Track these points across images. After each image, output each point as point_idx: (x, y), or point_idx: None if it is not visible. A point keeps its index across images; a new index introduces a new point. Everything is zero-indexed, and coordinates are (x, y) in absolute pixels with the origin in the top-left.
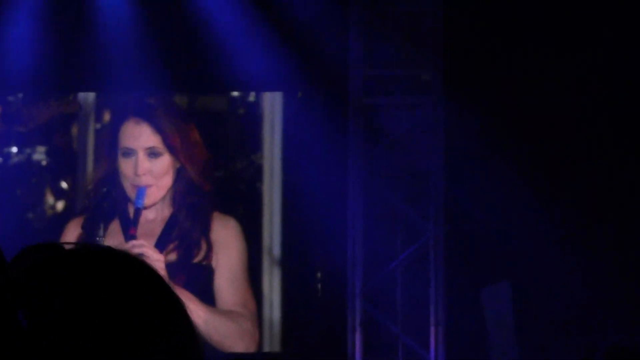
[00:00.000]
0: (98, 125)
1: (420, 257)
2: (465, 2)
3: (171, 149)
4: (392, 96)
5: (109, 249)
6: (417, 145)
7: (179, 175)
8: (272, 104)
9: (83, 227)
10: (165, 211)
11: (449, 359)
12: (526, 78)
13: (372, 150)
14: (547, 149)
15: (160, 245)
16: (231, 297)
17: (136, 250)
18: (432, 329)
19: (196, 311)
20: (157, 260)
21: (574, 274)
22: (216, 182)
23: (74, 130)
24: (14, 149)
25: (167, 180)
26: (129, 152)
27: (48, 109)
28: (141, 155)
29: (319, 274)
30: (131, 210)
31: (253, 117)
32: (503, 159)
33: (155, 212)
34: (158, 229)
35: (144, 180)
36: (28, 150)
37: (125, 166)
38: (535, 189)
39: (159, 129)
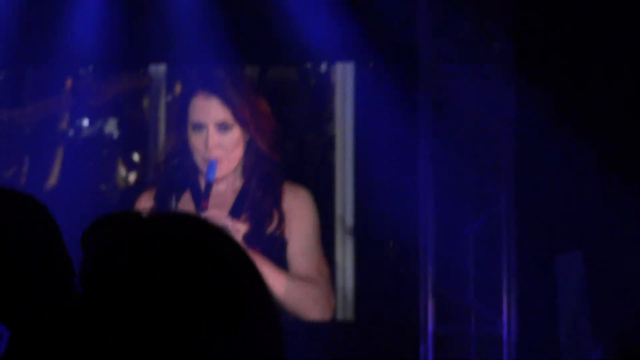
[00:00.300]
0: (169, 98)
1: (492, 225)
2: None
3: (241, 121)
4: (463, 65)
5: (188, 215)
6: (488, 115)
7: (249, 147)
8: (344, 75)
9: (155, 198)
10: (237, 183)
11: (521, 327)
12: (596, 52)
13: (443, 119)
14: (619, 119)
15: (233, 217)
16: (305, 266)
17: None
18: (505, 297)
19: (277, 278)
20: (237, 231)
21: None
22: (287, 153)
23: (145, 102)
24: (85, 122)
25: (238, 153)
26: (199, 127)
27: (119, 82)
28: (211, 129)
29: (391, 243)
30: (202, 183)
31: (325, 88)
32: (574, 128)
33: (226, 184)
34: (230, 201)
35: (215, 153)
36: (99, 123)
37: (196, 140)
38: (608, 159)
39: (228, 102)
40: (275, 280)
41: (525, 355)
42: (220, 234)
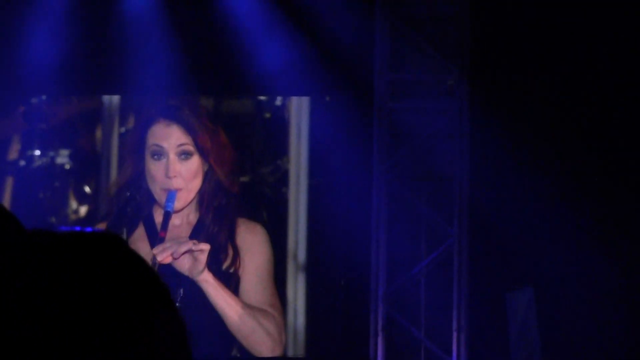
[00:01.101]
0: (122, 129)
1: (443, 261)
2: (492, 7)
3: (201, 150)
4: (417, 100)
5: (101, 233)
6: (442, 150)
7: (207, 177)
8: (299, 109)
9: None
10: (192, 216)
11: None
12: (552, 83)
13: (397, 154)
14: (573, 155)
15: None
16: (258, 300)
17: (184, 249)
18: (455, 334)
19: (232, 306)
20: (204, 248)
21: (600, 280)
22: (242, 187)
23: (98, 133)
24: (37, 152)
25: (197, 183)
26: (160, 153)
27: (70, 105)
28: (172, 156)
29: (342, 281)
30: (157, 215)
31: (279, 121)
32: (528, 164)
33: (181, 218)
34: (185, 234)
35: (175, 183)
36: (51, 153)
37: (155, 169)
38: (560, 195)
39: (189, 130)
40: (230, 307)
41: None
42: (130, 254)
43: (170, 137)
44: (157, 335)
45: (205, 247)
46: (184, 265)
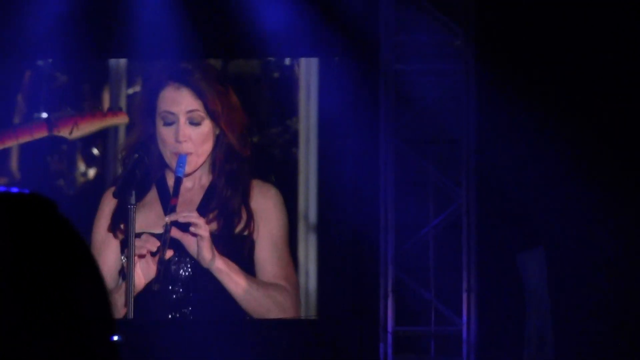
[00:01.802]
0: (130, 91)
1: (452, 223)
2: None
3: (212, 114)
4: (423, 62)
5: (29, 194)
6: (449, 112)
7: (219, 141)
8: (308, 69)
9: (115, 195)
10: (204, 179)
11: (481, 325)
12: (560, 44)
13: (404, 117)
14: (581, 114)
15: (200, 214)
16: (272, 269)
17: (183, 220)
18: (465, 295)
19: (246, 285)
20: (206, 230)
21: (609, 239)
22: (253, 148)
23: (105, 95)
24: (44, 115)
25: (207, 147)
26: (170, 117)
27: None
28: (182, 121)
29: (352, 240)
30: (169, 178)
31: (288, 82)
32: (534, 124)
33: (193, 180)
34: (197, 198)
35: (185, 147)
36: (57, 116)
37: (166, 133)
38: (569, 154)
39: (200, 94)
40: (243, 287)
41: (485, 354)
42: (53, 213)
43: (180, 102)
44: (78, 291)
45: (204, 233)
46: (190, 246)
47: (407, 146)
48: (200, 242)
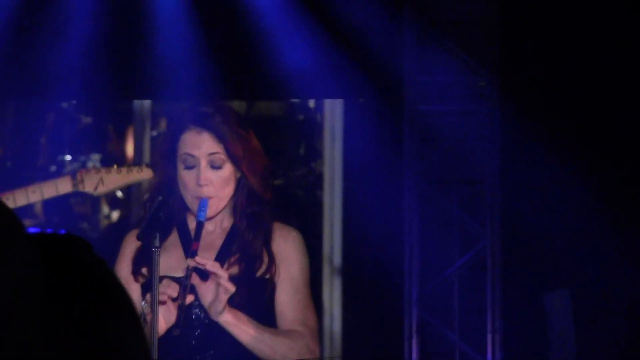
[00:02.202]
0: (154, 133)
1: (476, 264)
2: (521, 9)
3: (233, 157)
4: (447, 103)
5: (62, 235)
6: (473, 152)
7: (240, 184)
8: (333, 111)
9: (139, 237)
10: (225, 222)
11: None
12: (586, 85)
13: (428, 157)
14: (607, 154)
15: (221, 258)
16: (292, 313)
17: (210, 269)
18: (489, 337)
19: (262, 336)
20: (223, 277)
21: (635, 281)
22: (275, 191)
23: (129, 137)
24: (68, 157)
25: (229, 191)
26: (191, 161)
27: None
28: (203, 164)
29: (377, 282)
30: (190, 221)
31: (313, 123)
32: (560, 164)
33: (214, 224)
34: (219, 241)
35: (206, 191)
36: (82, 158)
37: (187, 177)
38: (594, 195)
39: (221, 137)
40: (256, 340)
41: None
42: (92, 258)
43: (201, 145)
44: (119, 333)
45: (231, 288)
46: (206, 295)
47: (432, 187)
48: (221, 295)
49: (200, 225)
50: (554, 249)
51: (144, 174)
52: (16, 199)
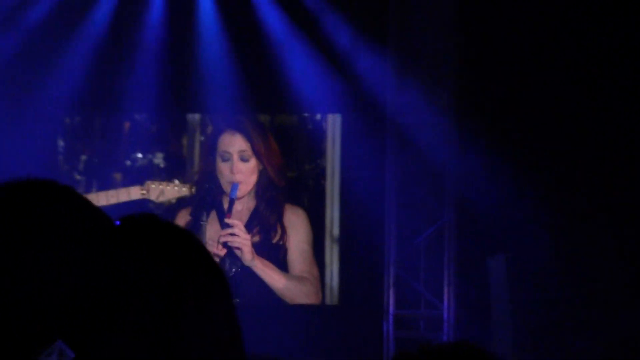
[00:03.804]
0: (202, 138)
1: (438, 234)
2: (477, 42)
3: (257, 154)
4: (418, 115)
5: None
6: (437, 152)
7: (261, 175)
8: (333, 122)
9: (191, 214)
10: (250, 203)
11: (457, 311)
12: (521, 98)
13: (404, 157)
14: (539, 150)
15: (247, 230)
16: (300, 266)
17: (230, 231)
18: (446, 288)
19: (279, 278)
20: (246, 239)
21: (559, 249)
22: (289, 180)
23: (184, 141)
24: (139, 155)
25: (253, 179)
26: (227, 155)
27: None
28: (235, 157)
29: (365, 247)
30: (225, 202)
31: (319, 131)
32: (499, 163)
33: (242, 205)
34: (245, 218)
35: (237, 177)
36: (150, 156)
37: (223, 167)
38: (526, 184)
39: (249, 138)
40: (277, 279)
41: (460, 331)
42: (187, 236)
43: (234, 144)
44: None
45: (248, 237)
46: (236, 250)
47: (407, 178)
48: (243, 247)
49: (232, 202)
50: (495, 224)
51: (188, 190)
52: (98, 200)
